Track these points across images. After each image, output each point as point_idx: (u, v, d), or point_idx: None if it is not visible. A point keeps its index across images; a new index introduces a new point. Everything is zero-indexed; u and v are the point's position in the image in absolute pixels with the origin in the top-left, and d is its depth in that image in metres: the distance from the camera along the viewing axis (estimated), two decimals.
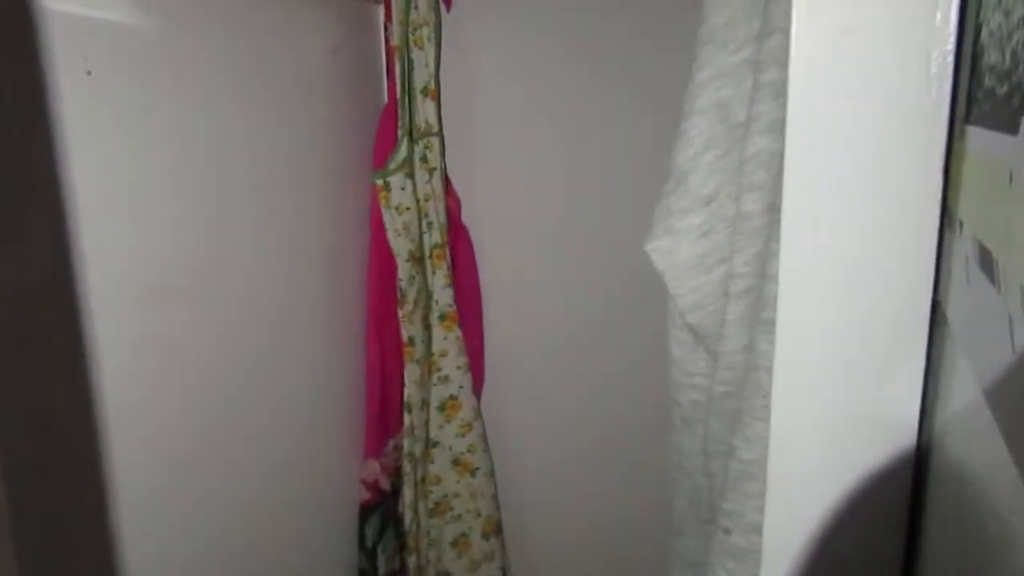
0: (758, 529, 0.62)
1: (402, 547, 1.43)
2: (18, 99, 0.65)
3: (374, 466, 1.36)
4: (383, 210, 1.30)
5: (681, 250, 0.69)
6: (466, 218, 1.49)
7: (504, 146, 1.48)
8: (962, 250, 0.41)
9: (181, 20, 0.87)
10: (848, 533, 0.52)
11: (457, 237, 1.48)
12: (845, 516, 0.52)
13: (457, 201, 1.48)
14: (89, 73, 0.73)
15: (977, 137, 0.40)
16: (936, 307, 0.47)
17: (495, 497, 1.52)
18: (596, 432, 1.55)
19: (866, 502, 0.51)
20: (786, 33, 0.60)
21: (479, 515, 1.50)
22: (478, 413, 1.49)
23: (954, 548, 0.42)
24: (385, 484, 1.38)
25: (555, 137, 1.46)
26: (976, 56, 0.41)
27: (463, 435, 1.47)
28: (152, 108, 0.82)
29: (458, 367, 1.45)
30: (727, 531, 0.63)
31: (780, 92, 0.61)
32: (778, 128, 0.61)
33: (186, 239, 0.88)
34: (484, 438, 1.50)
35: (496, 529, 1.52)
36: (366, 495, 1.35)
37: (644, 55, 1.37)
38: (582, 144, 1.45)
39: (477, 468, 1.48)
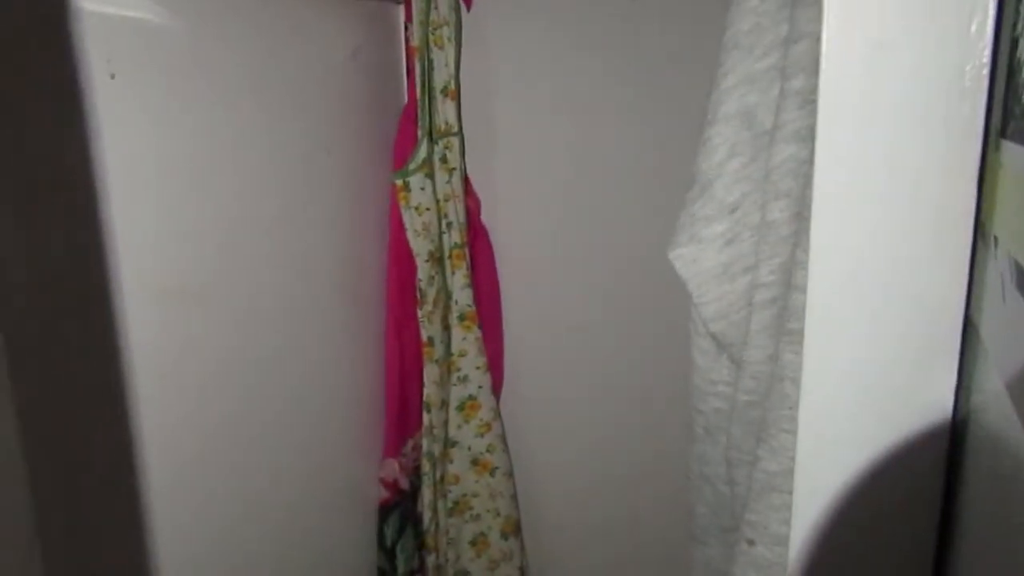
0: (783, 541, 0.61)
1: (421, 546, 1.43)
2: (47, 99, 0.66)
3: (393, 465, 1.36)
4: (403, 210, 1.30)
5: (705, 258, 0.68)
6: (485, 218, 1.49)
7: (524, 146, 1.47)
8: (997, 268, 0.40)
9: (203, 23, 0.87)
10: (877, 548, 0.51)
11: (476, 237, 1.47)
12: (873, 530, 0.51)
13: (477, 201, 1.47)
14: (113, 77, 0.74)
15: (1014, 153, 0.39)
16: (968, 322, 0.46)
17: (514, 497, 1.52)
18: (615, 433, 1.54)
19: (894, 516, 0.51)
20: (814, 39, 0.59)
21: (498, 515, 1.50)
22: (497, 413, 1.49)
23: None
24: (404, 483, 1.38)
25: (575, 138, 1.45)
26: (1012, 71, 0.40)
27: (482, 435, 1.47)
28: (173, 110, 0.83)
29: (477, 367, 1.45)
30: (751, 542, 0.63)
31: (807, 99, 0.60)
32: (805, 136, 0.61)
33: (206, 239, 0.89)
34: (503, 438, 1.50)
35: (515, 529, 1.52)
36: (385, 494, 1.35)
37: (666, 55, 1.36)
38: (603, 145, 1.44)
39: (496, 468, 1.48)
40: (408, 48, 1.32)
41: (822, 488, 0.52)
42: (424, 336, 1.35)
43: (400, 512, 1.38)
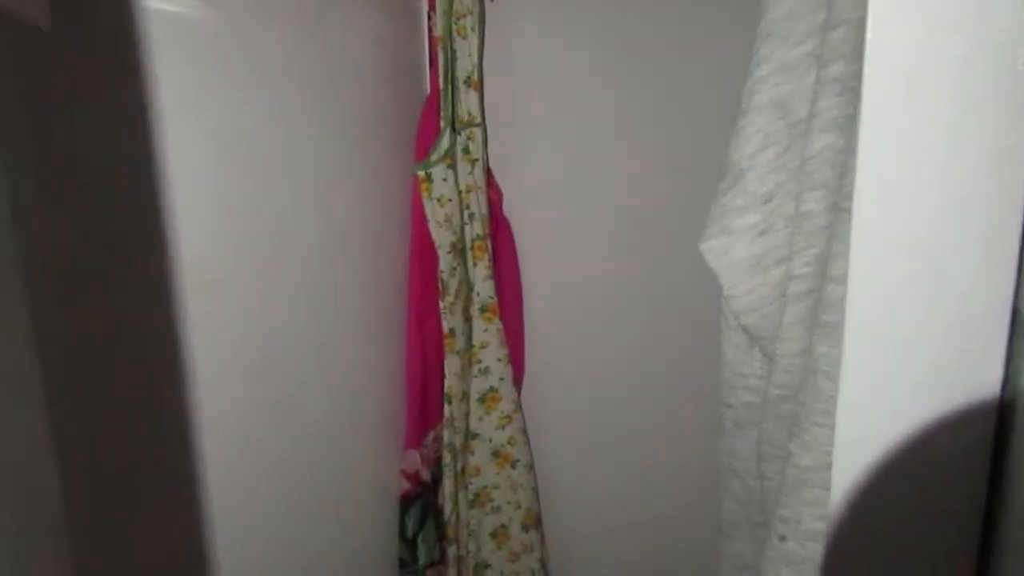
0: (815, 536, 0.60)
1: (442, 537, 1.43)
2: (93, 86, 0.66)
3: (415, 457, 1.36)
4: (425, 201, 1.29)
5: (737, 250, 0.67)
6: (507, 210, 1.48)
7: (546, 137, 1.46)
8: None
9: (229, 15, 0.87)
10: (917, 543, 0.50)
11: (498, 229, 1.47)
12: (914, 526, 0.50)
13: (499, 193, 1.47)
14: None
15: None
16: (1016, 314, 0.45)
17: (535, 489, 1.52)
18: (636, 426, 1.54)
19: (937, 511, 0.49)
20: (852, 25, 0.58)
21: (519, 507, 1.49)
22: (518, 405, 1.48)
23: None
24: (425, 475, 1.38)
25: (598, 128, 1.44)
26: None
27: (503, 427, 1.46)
28: (201, 102, 0.82)
29: (498, 359, 1.44)
30: (783, 537, 0.62)
31: (845, 87, 0.59)
32: (842, 124, 0.60)
33: (233, 231, 0.88)
34: (524, 430, 1.49)
35: (535, 521, 1.52)
36: (407, 485, 1.35)
37: (692, 44, 1.34)
38: (626, 135, 1.42)
39: (517, 460, 1.48)
40: (431, 38, 1.31)
41: (860, 483, 0.51)
42: (446, 327, 1.35)
43: (421, 503, 1.38)
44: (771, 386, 0.68)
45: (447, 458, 1.39)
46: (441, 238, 1.31)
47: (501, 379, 1.45)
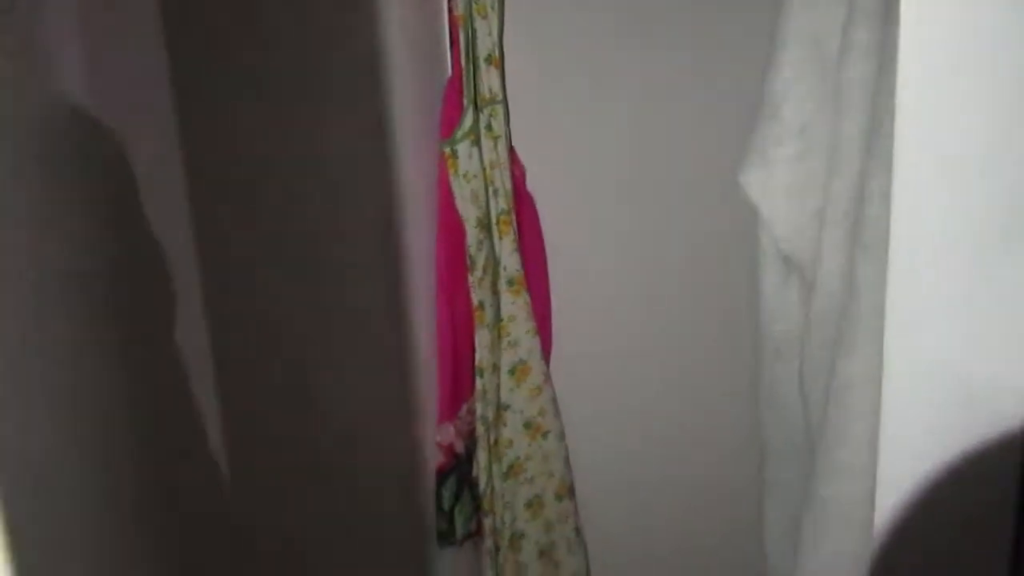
0: (863, 442, 0.63)
1: (478, 509, 1.45)
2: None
3: (449, 430, 1.39)
4: (451, 177, 1.32)
5: (776, 178, 0.70)
6: (530, 186, 1.51)
7: (567, 113, 1.49)
8: None
9: None
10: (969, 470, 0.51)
11: (522, 205, 1.49)
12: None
13: (521, 169, 1.49)
14: None
15: None
16: None
17: (566, 459, 1.54)
18: (664, 395, 1.56)
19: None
20: None
21: (551, 476, 1.52)
22: (547, 377, 1.51)
23: None
24: (460, 448, 1.41)
25: (619, 103, 1.46)
26: None
27: (533, 399, 1.49)
28: None
29: (527, 331, 1.47)
30: (830, 447, 0.65)
31: (876, 14, 0.61)
32: (874, 51, 0.62)
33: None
34: (554, 401, 1.52)
35: (568, 491, 1.54)
36: (442, 459, 1.38)
37: (714, 15, 1.37)
38: (647, 109, 1.45)
39: (548, 431, 1.50)
40: (451, 18, 1.34)
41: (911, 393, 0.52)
42: (475, 301, 1.37)
43: (457, 476, 1.40)
44: (811, 312, 0.71)
45: (480, 430, 1.41)
46: (468, 213, 1.34)
47: (530, 351, 1.47)
